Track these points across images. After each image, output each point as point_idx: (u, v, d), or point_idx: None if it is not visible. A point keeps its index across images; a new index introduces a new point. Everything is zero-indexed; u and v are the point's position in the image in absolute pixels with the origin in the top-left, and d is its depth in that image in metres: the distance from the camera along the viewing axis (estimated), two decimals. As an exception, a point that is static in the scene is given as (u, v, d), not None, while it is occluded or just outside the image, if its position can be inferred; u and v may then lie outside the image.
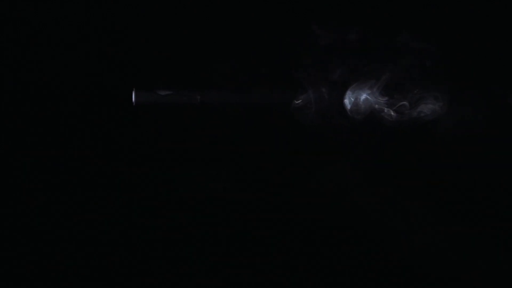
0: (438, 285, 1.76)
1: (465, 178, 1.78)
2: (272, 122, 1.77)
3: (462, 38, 1.75)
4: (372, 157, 1.76)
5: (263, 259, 1.81)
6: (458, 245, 1.76)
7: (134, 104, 1.71)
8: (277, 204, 1.82)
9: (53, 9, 1.80)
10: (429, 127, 1.68)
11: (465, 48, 1.75)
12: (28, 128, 1.80)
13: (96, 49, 1.80)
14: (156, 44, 1.80)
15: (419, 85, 1.66)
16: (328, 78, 1.69)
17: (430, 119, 1.67)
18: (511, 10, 1.75)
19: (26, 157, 1.80)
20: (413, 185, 1.79)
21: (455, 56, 1.73)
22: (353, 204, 1.79)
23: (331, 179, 1.80)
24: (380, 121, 1.66)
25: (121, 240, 1.81)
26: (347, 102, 1.67)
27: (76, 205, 1.81)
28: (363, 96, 1.67)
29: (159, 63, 1.80)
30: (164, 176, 1.82)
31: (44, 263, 1.79)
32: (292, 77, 1.70)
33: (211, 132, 1.82)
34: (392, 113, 1.66)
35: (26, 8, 1.79)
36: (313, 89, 1.68)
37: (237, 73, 1.75)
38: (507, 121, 1.72)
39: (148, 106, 1.71)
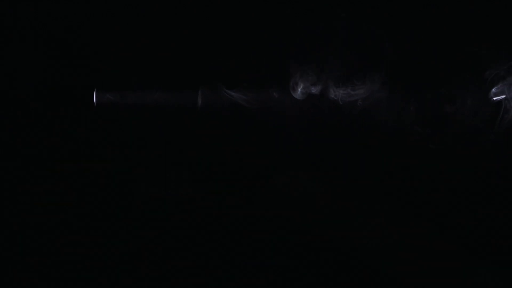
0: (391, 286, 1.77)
1: (416, 176, 1.80)
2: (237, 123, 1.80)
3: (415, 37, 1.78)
4: (326, 155, 1.78)
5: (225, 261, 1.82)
6: (410, 246, 1.78)
7: (95, 104, 1.72)
8: (239, 205, 1.83)
9: (17, 8, 1.81)
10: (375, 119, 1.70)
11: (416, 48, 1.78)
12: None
13: (57, 49, 1.81)
14: (119, 45, 1.82)
15: (367, 77, 1.69)
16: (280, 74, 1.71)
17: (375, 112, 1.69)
18: (460, 15, 1.78)
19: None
20: (365, 183, 1.81)
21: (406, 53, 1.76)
22: (307, 205, 1.81)
23: (287, 179, 1.82)
24: (330, 112, 1.69)
25: (82, 241, 1.81)
26: (298, 93, 1.69)
27: (35, 206, 1.81)
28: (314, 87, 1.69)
29: (123, 63, 1.82)
30: (123, 177, 1.83)
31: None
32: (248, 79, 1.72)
33: (175, 133, 1.83)
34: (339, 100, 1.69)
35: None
36: (267, 88, 1.71)
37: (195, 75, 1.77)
38: (447, 124, 1.75)
39: (111, 106, 1.72)
